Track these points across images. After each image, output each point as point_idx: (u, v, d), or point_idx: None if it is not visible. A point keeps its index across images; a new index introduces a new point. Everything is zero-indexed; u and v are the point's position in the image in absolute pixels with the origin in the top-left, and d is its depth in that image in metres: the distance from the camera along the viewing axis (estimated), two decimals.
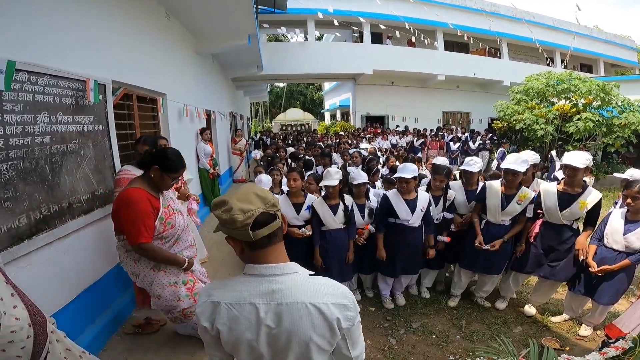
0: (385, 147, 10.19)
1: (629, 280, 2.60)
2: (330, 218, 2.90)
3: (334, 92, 20.40)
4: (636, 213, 2.46)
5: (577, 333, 2.86)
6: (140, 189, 1.92)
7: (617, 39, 18.85)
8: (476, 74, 14.31)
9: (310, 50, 12.83)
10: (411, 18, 12.37)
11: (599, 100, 8.97)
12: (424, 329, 2.98)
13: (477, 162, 3.20)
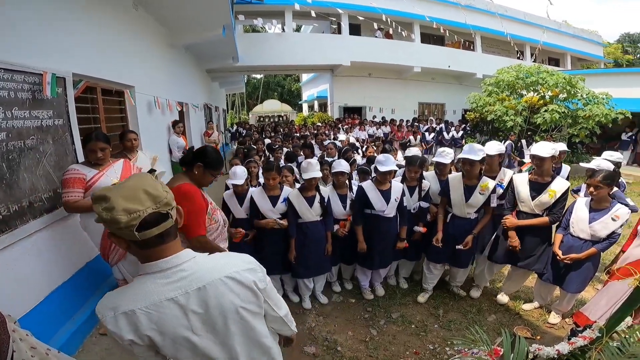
0: (363, 137, 10.27)
1: (595, 268, 2.71)
2: (307, 210, 2.89)
3: (312, 83, 20.24)
4: (600, 202, 2.55)
5: (547, 321, 2.98)
6: (192, 185, 1.97)
7: (584, 33, 19.73)
8: (451, 66, 14.61)
9: (288, 42, 12.63)
10: (389, 10, 12.39)
11: (565, 92, 9.40)
12: (404, 319, 3.04)
13: (449, 153, 3.26)
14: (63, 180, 2.39)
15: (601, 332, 1.57)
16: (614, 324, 1.55)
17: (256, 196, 2.95)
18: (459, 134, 11.55)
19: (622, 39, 31.34)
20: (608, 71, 14.30)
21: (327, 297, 3.34)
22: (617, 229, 2.47)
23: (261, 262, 1.14)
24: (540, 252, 2.91)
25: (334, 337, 2.80)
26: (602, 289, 2.52)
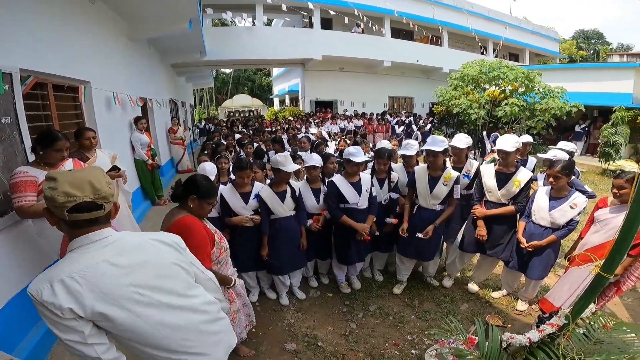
0: (335, 131, 10.31)
1: (556, 254, 2.86)
2: (279, 206, 2.86)
3: (283, 77, 19.99)
4: (559, 191, 2.70)
5: (515, 308, 3.13)
6: (191, 217, 1.88)
7: (542, 30, 20.81)
8: (419, 61, 15.00)
9: (258, 36, 12.39)
10: (360, 4, 12.42)
11: (523, 87, 9.91)
12: (381, 311, 3.09)
13: (413, 145, 3.32)
14: (12, 184, 2.18)
15: (567, 320, 1.65)
16: (579, 310, 1.64)
17: (227, 194, 2.87)
18: (427, 126, 11.89)
19: (576, 35, 33.43)
20: (563, 66, 15.30)
21: (305, 293, 3.33)
22: (575, 217, 2.63)
23: (235, 260, 1.20)
24: (507, 240, 3.04)
25: (314, 333, 2.80)
26: (564, 275, 2.67)
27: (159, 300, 1.12)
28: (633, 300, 3.27)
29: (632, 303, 3.23)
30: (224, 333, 1.38)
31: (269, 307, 3.17)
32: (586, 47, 30.96)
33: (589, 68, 13.03)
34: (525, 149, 3.76)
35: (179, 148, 8.40)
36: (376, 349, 2.63)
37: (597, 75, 11.72)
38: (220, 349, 1.34)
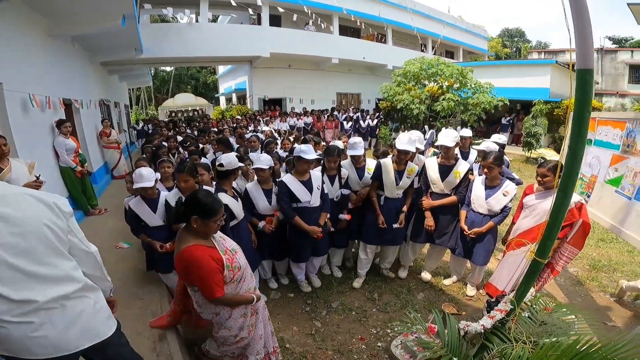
0: (284, 129, 10.20)
1: (495, 240, 3.12)
2: (239, 208, 2.74)
3: (230, 75, 19.26)
4: (492, 180, 2.94)
5: (465, 294, 3.35)
6: (196, 245, 1.75)
7: (475, 28, 22.41)
8: (366, 58, 15.35)
9: (202, 32, 11.78)
10: (310, 1, 12.38)
11: (458, 83, 10.68)
12: (344, 307, 3.12)
13: (360, 144, 3.39)
14: None
15: (513, 304, 1.78)
16: (522, 295, 1.77)
17: (172, 200, 2.67)
18: (374, 122, 12.28)
19: (502, 33, 36.62)
20: (490, 63, 16.72)
21: (265, 295, 3.23)
22: (508, 203, 2.89)
23: None
24: (452, 229, 3.25)
25: (280, 335, 2.75)
26: (502, 260, 2.91)
27: (4, 259, 1.08)
28: (565, 280, 3.67)
29: (565, 283, 3.63)
30: (86, 316, 1.29)
31: None
32: (510, 45, 34.11)
33: (512, 65, 14.48)
34: (466, 142, 4.04)
35: (114, 152, 7.66)
36: (344, 346, 2.66)
37: (519, 71, 13.05)
38: (74, 331, 1.24)
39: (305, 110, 12.48)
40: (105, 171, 7.63)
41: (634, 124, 2.54)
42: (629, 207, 2.46)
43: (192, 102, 18.87)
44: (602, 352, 1.40)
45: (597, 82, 18.38)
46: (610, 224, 2.63)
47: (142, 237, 2.83)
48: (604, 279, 3.66)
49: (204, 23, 12.09)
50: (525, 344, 1.63)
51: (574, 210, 2.43)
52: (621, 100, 17.39)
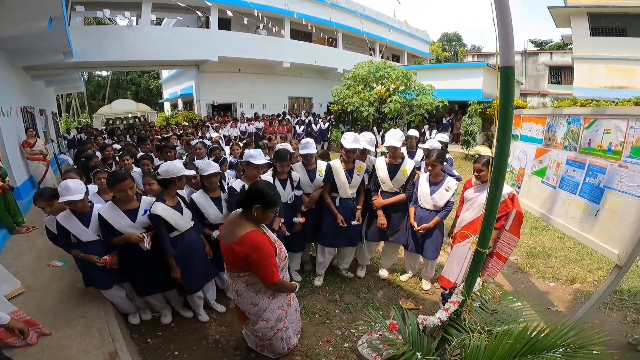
0: (235, 134, 9.90)
1: (442, 234, 3.29)
2: (180, 219, 2.59)
3: (175, 80, 18.26)
4: (436, 176, 3.10)
5: (421, 288, 3.47)
6: (257, 231, 1.94)
7: (418, 33, 23.65)
8: (317, 62, 15.53)
9: (144, 35, 11.05)
10: (261, 5, 12.13)
11: (403, 85, 11.22)
12: (306, 310, 3.08)
13: (312, 143, 3.39)
14: None
15: (464, 295, 1.84)
16: (470, 286, 1.85)
17: (107, 213, 2.47)
18: (326, 125, 12.43)
19: (442, 38, 39.18)
20: (432, 66, 17.85)
21: (224, 306, 3.14)
22: (450, 198, 3.05)
23: (135, 283, 0.93)
24: (404, 226, 3.36)
25: (244, 345, 2.65)
26: (451, 253, 3.06)
27: None
28: (508, 269, 3.95)
29: (508, 271, 3.91)
30: None
31: (187, 327, 2.90)
32: (449, 49, 36.60)
33: (450, 67, 15.59)
34: (412, 142, 4.21)
35: (40, 164, 6.81)
36: (311, 349, 2.62)
37: (456, 73, 14.09)
38: None
39: (256, 115, 12.22)
40: (31, 186, 6.78)
41: (553, 119, 2.82)
42: (555, 195, 2.72)
43: (133, 109, 17.55)
44: (551, 338, 1.50)
45: (522, 82, 20.37)
46: (540, 212, 2.88)
47: (75, 253, 2.59)
48: (540, 265, 4.00)
49: (147, 26, 11.38)
50: (480, 333, 1.70)
51: (508, 201, 2.63)
52: (542, 99, 19.55)
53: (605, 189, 2.19)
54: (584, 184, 2.38)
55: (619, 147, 2.12)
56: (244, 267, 2.00)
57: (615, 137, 2.15)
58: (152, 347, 2.67)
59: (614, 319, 3.00)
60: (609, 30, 11.33)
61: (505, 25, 1.37)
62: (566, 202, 2.55)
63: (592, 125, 2.36)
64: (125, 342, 2.49)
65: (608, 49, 11.15)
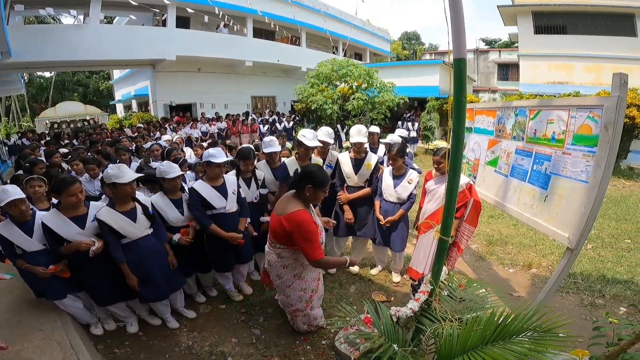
0: (196, 135, 9.53)
1: (407, 226, 3.36)
2: (130, 226, 2.44)
3: (128, 80, 17.24)
4: (398, 170, 3.18)
5: (392, 281, 3.52)
6: (304, 211, 2.15)
7: (380, 31, 24.17)
8: (280, 61, 15.40)
9: (92, 34, 10.39)
10: (222, 3, 11.77)
11: (365, 83, 11.43)
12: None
13: (275, 142, 3.34)
14: None
15: (432, 285, 1.88)
16: (437, 274, 1.88)
17: (51, 221, 2.31)
18: (290, 124, 12.34)
19: (402, 36, 40.34)
20: (392, 64, 18.34)
21: (194, 311, 3.02)
22: (413, 190, 3.14)
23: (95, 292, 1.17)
24: (371, 220, 3.40)
25: (219, 349, 2.57)
26: (417, 244, 3.15)
27: None
28: (470, 257, 4.14)
29: (470, 260, 4.09)
30: None
31: (156, 335, 2.76)
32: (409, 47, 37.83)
33: (409, 65, 16.11)
34: (374, 138, 4.28)
35: None
36: (289, 349, 2.59)
37: (415, 71, 14.61)
38: None
39: (217, 115, 11.83)
40: None
41: (502, 111, 2.99)
42: (507, 184, 2.88)
43: (80, 112, 16.27)
44: (517, 323, 1.55)
45: (474, 79, 21.56)
46: (495, 200, 3.04)
47: (19, 264, 2.40)
48: (499, 252, 4.22)
49: (95, 24, 10.66)
50: (452, 322, 1.74)
51: (465, 191, 2.74)
52: (493, 95, 20.83)
53: (551, 175, 2.35)
54: (532, 171, 2.54)
55: (562, 136, 2.27)
56: (286, 241, 2.25)
57: (558, 127, 2.31)
58: (120, 357, 2.54)
59: (571, 302, 3.15)
60: (551, 29, 12.18)
61: (458, 19, 1.42)
62: (517, 189, 2.71)
63: (537, 116, 2.52)
64: (90, 354, 2.35)
65: (550, 47, 12.02)
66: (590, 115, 2.06)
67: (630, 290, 3.23)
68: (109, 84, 24.11)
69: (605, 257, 3.96)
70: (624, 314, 2.93)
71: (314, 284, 2.47)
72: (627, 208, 5.82)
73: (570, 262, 2.18)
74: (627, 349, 1.43)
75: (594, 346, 1.67)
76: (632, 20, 10.74)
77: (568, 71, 11.73)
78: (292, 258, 2.35)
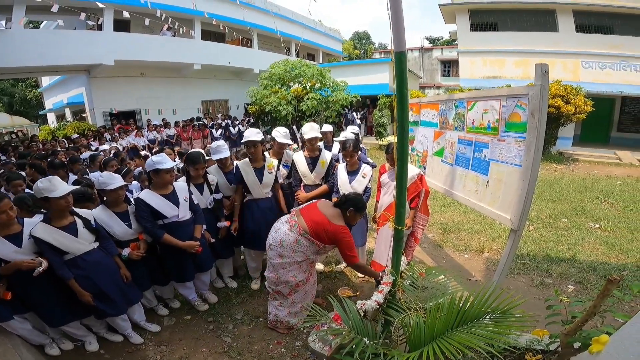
0: (142, 144, 8.93)
1: (366, 220, 3.41)
2: (71, 242, 2.26)
3: (59, 87, 15.68)
4: (353, 165, 3.23)
5: (357, 276, 3.53)
6: (347, 228, 2.46)
7: (332, 32, 24.37)
8: (231, 63, 14.91)
9: (16, 39, 9.43)
10: (165, 5, 11.04)
11: (319, 83, 11.52)
12: (249, 315, 2.97)
13: (224, 146, 3.27)
14: None
15: (394, 275, 1.90)
16: (397, 265, 1.92)
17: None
18: (244, 127, 12.07)
19: (354, 36, 41.18)
20: (344, 64, 18.63)
21: (157, 324, 2.86)
22: (367, 184, 3.20)
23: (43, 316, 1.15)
24: None
25: None
26: (377, 237, 3.21)
27: None
28: (428, 246, 4.31)
29: (429, 248, 4.26)
30: None
31: (120, 352, 2.60)
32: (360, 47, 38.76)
33: (360, 64, 16.56)
34: (328, 136, 4.32)
35: None
36: (263, 354, 2.54)
37: (366, 69, 15.05)
38: None
39: (165, 121, 11.19)
40: None
41: (444, 104, 3.17)
42: (453, 172, 3.05)
43: (7, 123, 14.55)
44: (476, 306, 1.62)
45: (420, 76, 22.69)
46: (444, 189, 3.22)
47: None
48: (454, 239, 4.44)
49: (19, 29, 9.61)
50: (417, 310, 1.78)
51: (417, 181, 2.86)
52: (437, 91, 22.10)
53: (490, 161, 2.53)
54: (474, 159, 2.72)
55: (496, 124, 2.46)
56: (322, 238, 2.45)
57: (492, 116, 2.50)
58: None
59: (523, 283, 3.32)
60: (485, 26, 13.10)
61: (397, 15, 1.47)
62: (462, 176, 2.88)
63: (474, 107, 2.71)
64: None
65: (484, 43, 12.95)
66: (518, 103, 2.25)
67: (574, 268, 3.50)
68: (37, 92, 21.84)
69: (547, 237, 4.30)
70: (572, 291, 3.16)
71: (303, 275, 2.61)
72: (560, 189, 6.46)
73: (515, 243, 2.34)
74: (582, 326, 1.51)
75: (551, 325, 1.76)
76: (553, 16, 11.82)
77: (500, 66, 12.73)
78: (308, 248, 2.51)
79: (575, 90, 9.34)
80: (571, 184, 6.91)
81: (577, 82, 10.01)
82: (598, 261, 3.65)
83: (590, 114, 9.28)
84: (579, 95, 9.24)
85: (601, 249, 3.95)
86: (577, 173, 8.20)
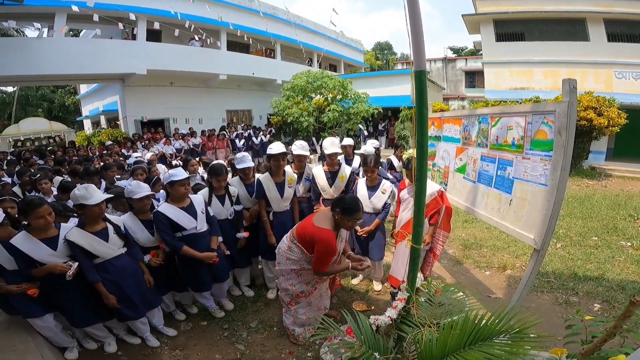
0: (170, 152, 9.29)
1: (384, 235, 3.41)
2: (102, 246, 2.39)
3: (96, 95, 16.64)
4: (373, 181, 3.24)
5: (373, 289, 3.52)
6: (331, 232, 2.36)
7: (353, 42, 24.57)
8: (255, 73, 15.28)
9: (57, 47, 10.08)
10: (194, 16, 11.58)
11: (340, 94, 11.61)
12: (264, 324, 3.00)
13: (247, 157, 3.33)
14: None
15: (409, 292, 1.89)
16: (412, 282, 1.91)
17: (22, 244, 2.24)
18: (267, 138, 12.30)
19: (375, 47, 41.26)
20: (366, 75, 18.70)
21: (175, 329, 2.94)
22: (387, 200, 3.18)
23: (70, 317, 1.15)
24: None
25: None
26: (395, 252, 3.19)
27: None
28: (448, 262, 4.22)
29: (448, 264, 4.17)
30: None
31: (137, 354, 2.69)
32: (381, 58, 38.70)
33: (382, 75, 16.53)
34: (348, 150, 4.34)
35: None
36: None
37: (388, 81, 14.99)
38: None
39: (192, 130, 11.62)
40: None
41: (467, 120, 3.12)
42: (475, 189, 2.98)
43: (45, 128, 15.50)
44: (491, 325, 1.58)
45: (444, 87, 22.38)
46: (465, 206, 3.14)
47: None
48: (475, 256, 4.33)
49: (60, 38, 10.36)
50: (431, 327, 1.76)
51: (437, 198, 2.82)
52: (461, 102, 21.70)
53: (514, 179, 2.46)
54: (497, 176, 2.65)
55: (521, 142, 2.40)
56: (306, 244, 2.44)
57: (517, 133, 2.44)
58: None
59: (547, 301, 3.23)
60: (510, 36, 12.79)
61: (417, 33, 1.48)
62: (485, 194, 2.82)
63: (498, 123, 2.65)
64: None
65: (510, 54, 12.62)
66: (544, 120, 2.18)
67: (601, 287, 3.35)
68: (75, 99, 23.21)
69: (575, 255, 4.12)
70: (598, 310, 3.03)
71: (304, 287, 2.61)
72: (591, 206, 6.14)
73: (538, 263, 2.24)
74: (601, 346, 1.45)
75: (571, 344, 1.70)
76: (584, 25, 11.41)
77: (528, 77, 12.34)
78: (300, 256, 2.52)
79: (608, 101, 8.92)
80: (603, 200, 6.56)
81: (610, 93, 9.58)
82: (627, 280, 3.48)
83: (624, 126, 8.81)
84: (612, 107, 8.82)
85: (632, 267, 3.75)
86: (610, 189, 7.78)
